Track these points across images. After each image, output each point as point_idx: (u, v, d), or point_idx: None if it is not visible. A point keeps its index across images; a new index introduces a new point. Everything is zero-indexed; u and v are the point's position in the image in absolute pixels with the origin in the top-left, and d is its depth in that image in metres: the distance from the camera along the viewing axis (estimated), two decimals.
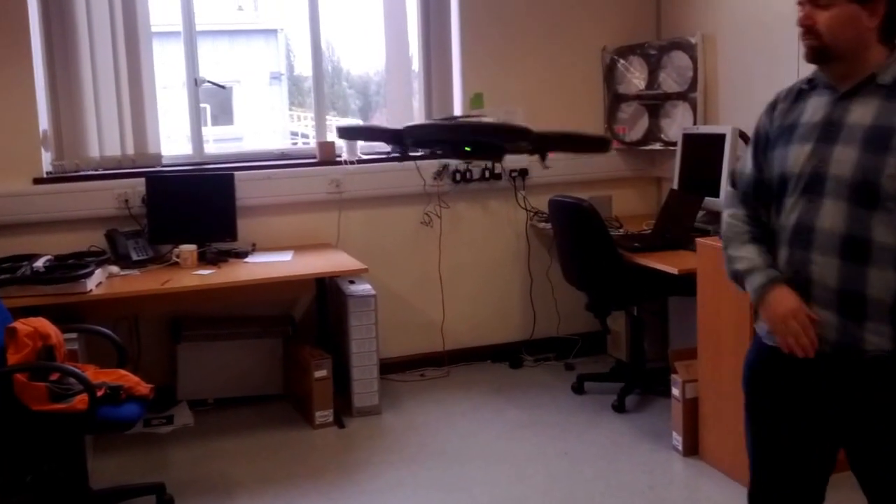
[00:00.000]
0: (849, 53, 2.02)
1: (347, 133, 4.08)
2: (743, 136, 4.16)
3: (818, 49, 2.04)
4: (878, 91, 1.99)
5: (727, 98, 4.50)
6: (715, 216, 4.25)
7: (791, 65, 3.98)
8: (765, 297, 2.10)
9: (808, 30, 2.05)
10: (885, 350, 1.98)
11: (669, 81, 4.77)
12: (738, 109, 4.41)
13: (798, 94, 2.17)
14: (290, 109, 10.03)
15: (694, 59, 4.60)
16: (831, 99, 2.07)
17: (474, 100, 4.86)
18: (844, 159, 1.98)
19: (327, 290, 4.34)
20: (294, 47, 10.64)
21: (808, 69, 2.59)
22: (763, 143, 2.20)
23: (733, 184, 2.28)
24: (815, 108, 2.09)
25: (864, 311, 1.98)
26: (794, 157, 2.07)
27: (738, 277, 2.19)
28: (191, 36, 4.53)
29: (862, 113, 1.99)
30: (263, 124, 10.19)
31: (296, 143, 8.99)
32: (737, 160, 4.12)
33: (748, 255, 2.16)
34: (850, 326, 2.00)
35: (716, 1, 4.53)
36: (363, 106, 7.43)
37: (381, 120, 5.62)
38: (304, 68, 4.88)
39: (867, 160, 1.95)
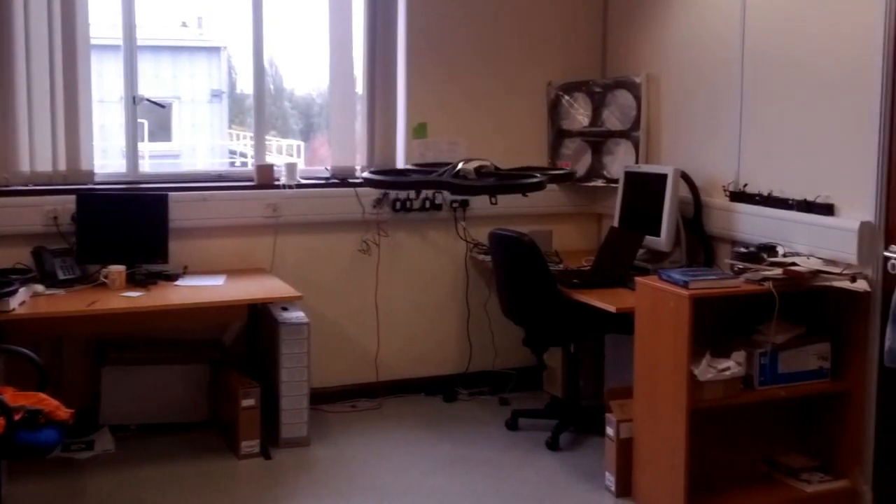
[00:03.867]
0: None
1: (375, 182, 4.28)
2: (685, 176, 4.20)
3: None
4: None
5: (669, 138, 4.56)
6: (655, 255, 4.28)
7: (733, 108, 4.05)
8: None
9: None
10: None
11: (613, 119, 4.81)
12: (679, 150, 4.46)
13: None
14: (230, 128, 9.89)
15: (638, 99, 4.65)
16: None
17: (417, 129, 4.83)
18: None
19: (259, 317, 4.22)
20: (237, 65, 10.52)
21: (750, 114, 2.59)
22: None
23: None
24: None
25: None
26: None
27: None
28: (131, 53, 4.41)
29: None
30: (202, 142, 10.03)
31: (234, 163, 8.86)
32: (679, 201, 4.20)
33: None
34: None
35: (661, 42, 4.59)
36: (305, 127, 7.35)
37: (322, 142, 5.55)
38: (246, 87, 4.80)
39: None
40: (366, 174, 4.26)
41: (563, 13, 5.03)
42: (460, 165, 3.96)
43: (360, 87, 4.83)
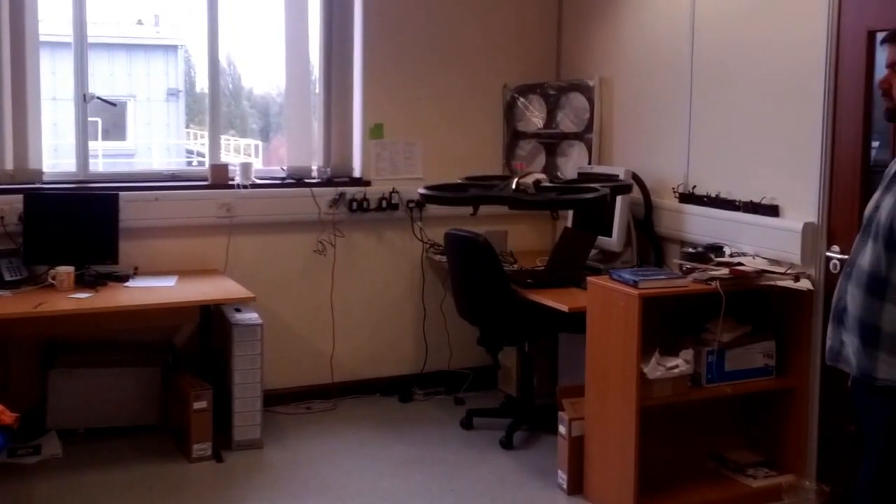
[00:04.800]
0: None
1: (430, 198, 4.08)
2: (636, 178, 4.25)
3: (891, 110, 2.36)
4: None
5: (621, 140, 4.60)
6: (607, 255, 4.32)
7: (683, 112, 4.10)
8: None
9: (885, 93, 2.35)
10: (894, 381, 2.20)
11: (567, 121, 4.85)
12: (630, 152, 4.51)
13: None
14: (189, 127, 9.81)
15: (591, 101, 4.69)
16: None
17: (374, 130, 4.82)
18: (886, 206, 2.24)
19: (212, 318, 4.19)
20: (195, 64, 10.42)
21: (698, 118, 2.61)
22: None
23: None
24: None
25: (877, 342, 2.21)
26: (870, 202, 2.38)
27: None
28: (81, 50, 4.35)
29: None
30: (158, 141, 9.92)
31: (192, 162, 8.77)
32: (630, 202, 4.24)
33: None
34: (868, 353, 2.24)
35: (613, 46, 4.63)
36: (263, 127, 7.30)
37: (282, 142, 5.50)
38: (205, 85, 4.75)
39: None
40: (422, 190, 4.02)
41: (518, 17, 5.06)
42: (517, 180, 3.93)
43: (318, 88, 4.81)
